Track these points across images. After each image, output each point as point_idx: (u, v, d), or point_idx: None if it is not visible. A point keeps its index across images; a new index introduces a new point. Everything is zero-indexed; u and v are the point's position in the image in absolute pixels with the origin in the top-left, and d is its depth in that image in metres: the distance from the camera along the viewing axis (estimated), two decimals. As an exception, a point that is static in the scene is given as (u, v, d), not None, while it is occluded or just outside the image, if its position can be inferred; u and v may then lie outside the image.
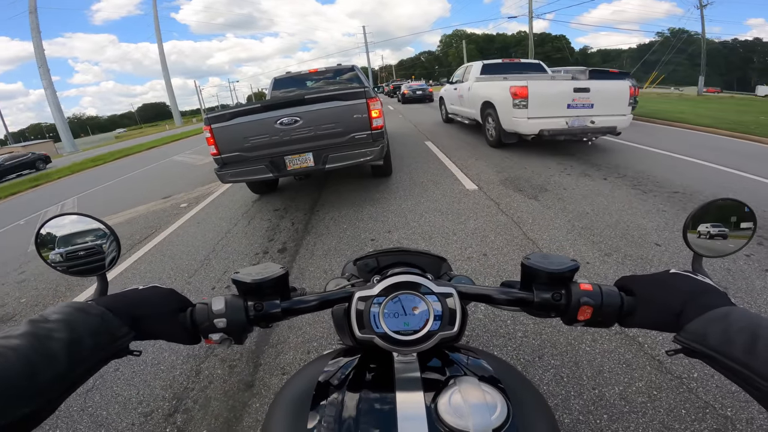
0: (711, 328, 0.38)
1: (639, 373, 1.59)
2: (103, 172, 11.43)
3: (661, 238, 2.80)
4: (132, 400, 1.73)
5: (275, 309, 0.50)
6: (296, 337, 2.01)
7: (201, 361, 1.94)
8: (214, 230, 3.92)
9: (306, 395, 0.47)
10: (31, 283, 3.36)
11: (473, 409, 0.38)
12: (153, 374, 1.88)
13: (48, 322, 0.36)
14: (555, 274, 0.49)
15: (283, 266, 0.52)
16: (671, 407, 1.43)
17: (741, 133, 7.21)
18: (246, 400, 1.65)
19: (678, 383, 1.53)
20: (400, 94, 20.88)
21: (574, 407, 1.45)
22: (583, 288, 0.48)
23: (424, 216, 3.56)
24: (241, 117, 3.57)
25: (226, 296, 0.49)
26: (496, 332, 1.90)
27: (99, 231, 0.53)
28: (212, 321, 0.48)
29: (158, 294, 0.49)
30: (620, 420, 1.39)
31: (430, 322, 0.46)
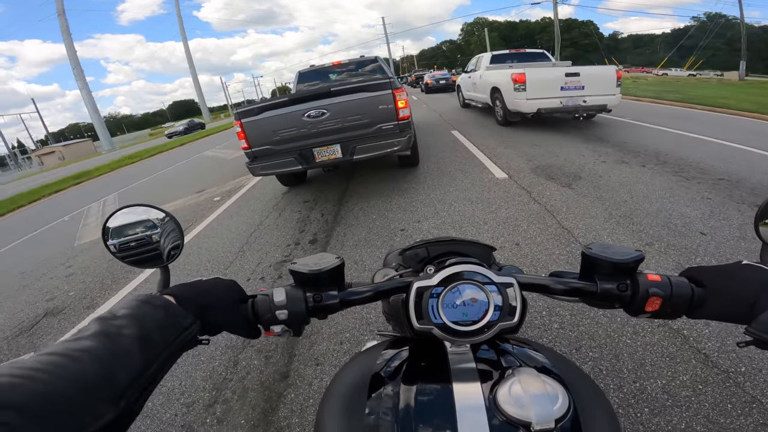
0: None
1: (683, 367, 1.53)
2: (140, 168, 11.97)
3: (707, 226, 2.65)
4: (175, 391, 1.79)
5: (333, 300, 0.50)
6: (329, 328, 2.04)
7: (239, 352, 1.99)
8: (246, 222, 4.03)
9: (360, 387, 0.47)
10: (79, 276, 3.53)
11: (534, 400, 0.38)
12: (194, 365, 1.94)
13: (116, 318, 0.35)
14: (620, 264, 0.47)
15: (339, 256, 0.52)
16: (716, 402, 1.37)
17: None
18: (281, 390, 1.69)
19: (725, 377, 1.46)
20: (423, 84, 20.65)
21: (614, 400, 1.41)
22: (651, 279, 0.47)
23: (453, 205, 3.53)
24: (269, 111, 3.64)
25: (286, 287, 0.49)
26: (530, 323, 1.86)
27: (162, 221, 0.54)
28: (274, 312, 0.48)
29: (221, 285, 0.48)
30: (662, 414, 1.34)
31: (490, 313, 0.46)
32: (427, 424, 0.40)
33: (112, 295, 3.00)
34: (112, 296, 2.99)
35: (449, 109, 11.15)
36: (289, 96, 3.74)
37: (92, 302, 2.96)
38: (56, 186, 11.34)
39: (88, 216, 6.28)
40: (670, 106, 9.34)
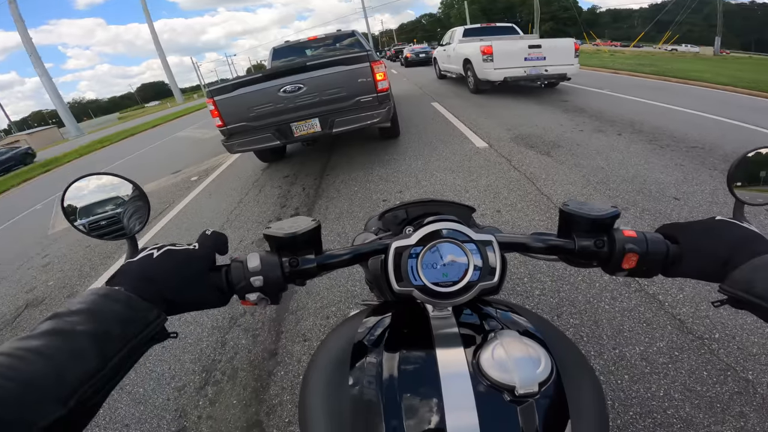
0: (758, 275, 0.36)
1: (660, 333, 1.56)
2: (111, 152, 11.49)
3: (680, 192, 2.74)
4: (165, 376, 1.77)
5: (310, 264, 0.47)
6: (314, 303, 2.03)
7: (225, 332, 1.97)
8: (226, 200, 3.94)
9: (343, 357, 0.46)
10: (56, 265, 3.41)
11: (517, 363, 0.37)
12: (182, 348, 1.91)
13: (71, 314, 0.33)
14: (597, 220, 0.46)
15: (315, 219, 0.49)
16: (692, 369, 1.40)
17: (760, 91, 6.93)
18: (271, 368, 1.68)
19: (699, 344, 1.50)
20: (403, 57, 20.28)
21: (595, 367, 1.43)
22: (627, 235, 0.46)
23: (435, 175, 3.53)
24: (243, 87, 3.54)
25: (260, 252, 0.46)
26: (512, 290, 1.90)
27: (126, 192, 0.51)
28: (249, 280, 0.45)
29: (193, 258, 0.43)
30: (642, 381, 1.37)
31: (470, 273, 0.44)
32: (412, 392, 0.39)
33: (92, 281, 2.92)
34: (92, 283, 2.91)
35: (429, 81, 11.02)
36: (263, 72, 3.64)
37: (72, 290, 2.88)
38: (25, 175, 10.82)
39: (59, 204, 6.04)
40: (646, 78, 9.47)
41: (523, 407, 0.36)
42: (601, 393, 0.44)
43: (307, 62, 3.56)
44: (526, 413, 0.36)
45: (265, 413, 1.48)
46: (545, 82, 7.05)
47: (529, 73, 6.54)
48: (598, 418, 0.41)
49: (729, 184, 0.49)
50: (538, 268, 2.02)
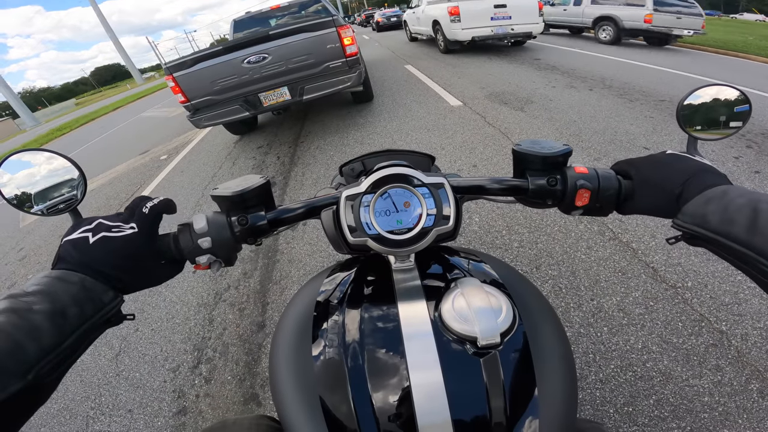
0: (710, 208, 0.35)
1: (635, 282, 1.59)
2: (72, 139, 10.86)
3: (650, 142, 2.82)
4: (158, 358, 1.76)
5: (261, 221, 0.46)
6: (297, 271, 2.04)
7: (212, 308, 1.96)
8: (199, 176, 3.83)
9: (306, 318, 0.45)
10: (33, 258, 3.27)
11: (478, 313, 0.37)
12: (170, 329, 1.90)
13: (27, 295, 0.33)
14: (549, 158, 0.46)
15: (264, 176, 0.48)
16: (668, 320, 1.42)
17: (728, 50, 7.28)
18: (260, 341, 1.69)
19: (673, 293, 1.52)
20: (374, 23, 19.61)
21: (575, 320, 1.46)
22: (579, 171, 0.46)
23: (410, 134, 3.51)
24: (204, 62, 3.39)
25: (207, 213, 0.45)
26: (492, 244, 1.93)
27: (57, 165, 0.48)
28: (196, 242, 0.43)
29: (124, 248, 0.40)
30: (620, 333, 1.39)
31: (424, 217, 0.43)
32: (375, 351, 0.38)
33: None
34: None
35: (401, 44, 10.74)
36: (222, 45, 3.47)
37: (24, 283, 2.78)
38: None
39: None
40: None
41: (487, 359, 0.36)
42: (566, 340, 0.44)
43: (270, 31, 3.43)
44: (490, 365, 0.35)
45: (260, 386, 1.50)
46: (511, 41, 7.29)
47: (496, 32, 6.68)
48: (564, 365, 0.41)
49: (678, 117, 0.49)
50: (515, 220, 2.07)
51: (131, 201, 0.44)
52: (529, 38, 7.12)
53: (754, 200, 0.33)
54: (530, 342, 0.39)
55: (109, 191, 4.31)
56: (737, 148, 2.67)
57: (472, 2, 6.96)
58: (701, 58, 6.61)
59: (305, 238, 2.28)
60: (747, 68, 5.76)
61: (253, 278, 2.09)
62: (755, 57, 6.67)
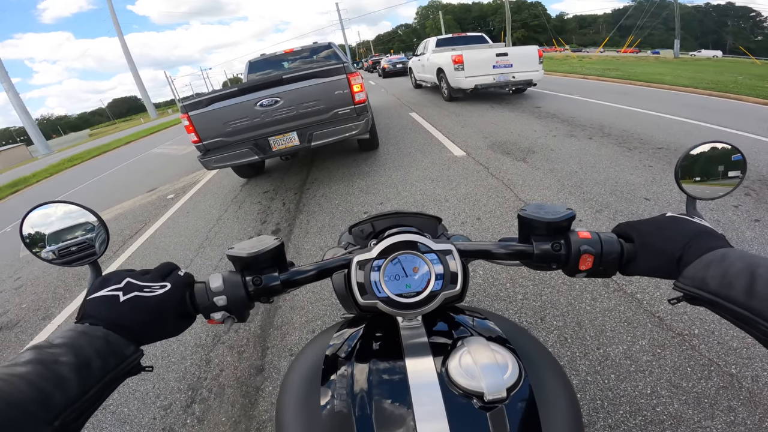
0: (710, 272, 0.37)
1: (641, 331, 1.59)
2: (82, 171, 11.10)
3: (650, 192, 2.86)
4: (150, 395, 1.73)
5: (274, 282, 0.48)
6: (299, 318, 2.02)
7: (209, 349, 1.94)
8: (204, 218, 3.86)
9: (315, 371, 0.46)
10: (29, 288, 3.29)
11: (485, 370, 0.38)
12: (165, 367, 1.88)
13: (53, 347, 0.35)
14: (553, 223, 0.48)
15: (278, 237, 0.50)
16: (676, 365, 1.42)
17: (719, 92, 7.37)
18: (258, 384, 1.67)
19: (680, 340, 1.53)
20: (380, 68, 20.46)
21: (581, 368, 1.46)
22: (582, 236, 0.47)
23: (415, 185, 3.57)
24: (219, 102, 3.48)
25: (223, 273, 0.47)
26: (496, 296, 1.92)
27: (83, 218, 0.51)
28: (212, 300, 0.46)
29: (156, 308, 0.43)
30: (628, 379, 1.39)
31: (432, 282, 0.45)
32: (383, 403, 0.39)
33: (67, 304, 2.82)
34: (67, 305, 2.81)
35: (406, 91, 11.18)
36: (238, 86, 3.60)
37: (47, 313, 2.77)
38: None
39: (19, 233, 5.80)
40: (613, 83, 9.89)
41: (493, 413, 0.36)
42: (573, 394, 0.45)
43: (284, 75, 3.54)
44: (497, 419, 0.36)
45: (256, 429, 1.46)
46: (513, 89, 7.49)
47: (498, 80, 6.91)
48: (570, 416, 0.41)
49: (677, 179, 0.51)
50: (519, 273, 2.06)
51: (160, 264, 0.47)
52: (530, 86, 7.33)
53: (752, 264, 0.35)
54: (536, 395, 0.39)
55: (114, 227, 4.34)
56: (736, 196, 2.69)
57: (475, 51, 7.33)
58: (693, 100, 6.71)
59: (308, 286, 2.26)
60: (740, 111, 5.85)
61: (254, 322, 2.07)
62: (746, 98, 6.75)
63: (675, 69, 14.07)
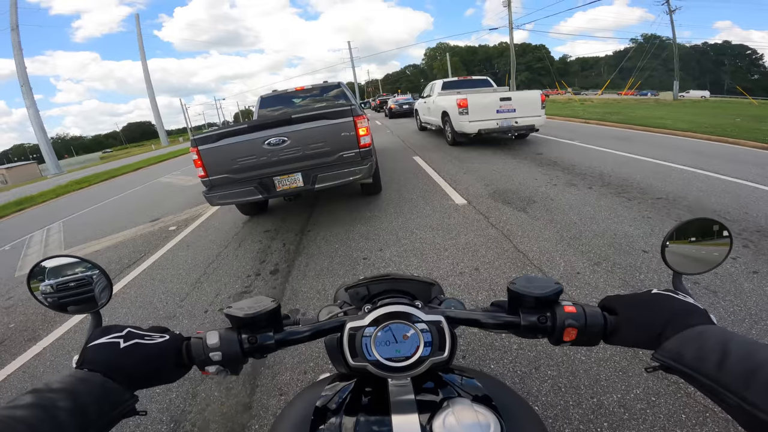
0: (686, 346, 0.40)
1: (636, 381, 1.61)
2: (89, 194, 11.26)
3: (648, 244, 2.87)
4: (129, 425, 1.69)
5: (269, 341, 0.51)
6: (292, 358, 1.99)
7: (197, 384, 1.91)
8: (204, 253, 3.88)
9: (304, 420, 0.48)
10: (20, 308, 3.31)
11: (466, 430, 0.39)
12: (149, 397, 1.84)
13: (52, 392, 0.37)
14: (540, 298, 0.51)
15: (275, 299, 0.53)
16: (671, 413, 1.44)
17: (718, 136, 7.49)
18: (245, 422, 1.65)
19: (675, 388, 1.54)
20: (387, 109, 21.03)
21: (574, 417, 1.46)
22: (567, 310, 0.50)
23: (415, 233, 3.59)
24: (228, 138, 3.54)
25: (220, 330, 0.50)
26: (491, 345, 1.92)
27: (90, 270, 0.55)
28: (208, 354, 0.49)
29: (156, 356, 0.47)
30: (621, 427, 1.39)
31: (421, 349, 0.48)
32: None
33: (55, 327, 2.80)
34: (55, 329, 2.79)
35: (411, 133, 11.50)
36: (248, 123, 3.68)
37: (34, 335, 2.76)
38: (-4, 213, 10.38)
39: (29, 245, 5.86)
40: (614, 127, 10.16)
41: None
42: None
43: (292, 115, 3.61)
44: None
45: None
46: (515, 134, 7.48)
47: (501, 125, 6.98)
48: None
49: (663, 255, 0.54)
50: None
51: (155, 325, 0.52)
52: (532, 131, 7.39)
53: (725, 341, 0.37)
54: None
55: (112, 255, 4.38)
56: (734, 248, 2.67)
57: (479, 95, 7.45)
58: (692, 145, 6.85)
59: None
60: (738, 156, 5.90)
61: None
62: (744, 142, 6.83)
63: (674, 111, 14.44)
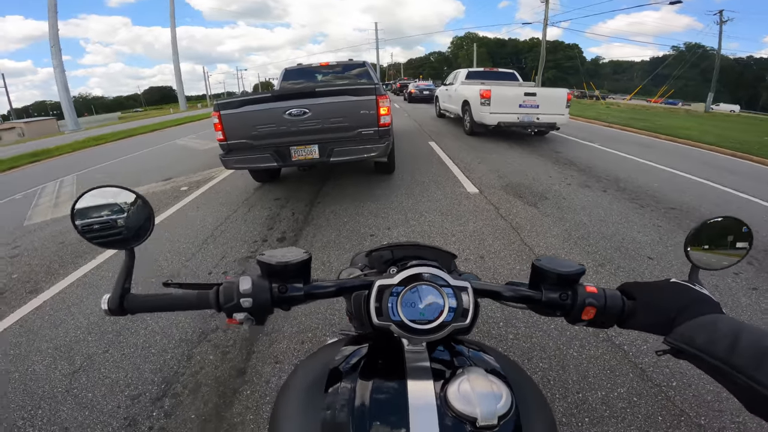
0: (699, 332, 0.40)
1: (622, 380, 1.64)
2: (105, 151, 11.39)
3: (654, 252, 2.84)
4: (119, 383, 1.71)
5: (298, 292, 0.52)
6: (291, 327, 2.02)
7: (194, 345, 1.94)
8: (213, 215, 3.93)
9: (319, 381, 0.48)
10: (24, 258, 3.32)
11: (480, 397, 0.40)
12: (143, 357, 1.87)
13: None
14: (564, 275, 0.52)
15: (307, 251, 0.54)
16: (649, 414, 1.48)
17: (743, 153, 7.28)
18: (237, 386, 1.66)
19: (657, 391, 1.59)
20: (407, 93, 20.78)
21: (558, 409, 1.50)
22: (589, 290, 0.52)
23: (424, 215, 3.59)
24: (250, 105, 3.60)
25: (252, 277, 0.51)
26: (488, 333, 1.94)
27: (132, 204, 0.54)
28: (238, 300, 0.49)
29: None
30: (600, 424, 1.43)
31: (445, 314, 0.49)
32: (381, 419, 0.42)
33: (59, 280, 2.83)
34: (58, 281, 2.82)
35: (428, 119, 11.38)
36: (272, 92, 3.70)
37: (36, 287, 2.78)
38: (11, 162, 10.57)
39: (41, 196, 5.91)
40: (637, 134, 9.91)
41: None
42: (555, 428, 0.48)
43: (317, 88, 3.65)
44: None
45: (225, 431, 1.44)
46: (535, 130, 7.38)
47: (522, 120, 6.86)
48: None
49: (686, 248, 0.55)
50: (513, 314, 2.07)
51: None
52: (553, 129, 7.26)
53: (738, 329, 0.38)
54: (524, 427, 0.42)
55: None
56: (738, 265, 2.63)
57: (503, 87, 7.36)
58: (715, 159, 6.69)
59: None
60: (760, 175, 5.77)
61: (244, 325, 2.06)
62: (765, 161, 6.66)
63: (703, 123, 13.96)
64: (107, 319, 2.18)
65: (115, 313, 0.52)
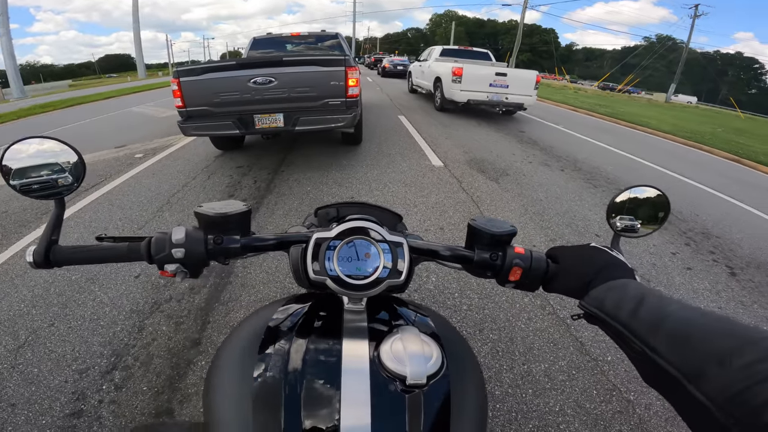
0: (609, 296, 0.41)
1: (563, 353, 1.72)
2: (53, 118, 10.49)
3: (602, 230, 3.01)
4: (66, 357, 1.65)
5: (234, 244, 0.50)
6: (248, 296, 2.00)
7: (145, 317, 1.88)
8: (170, 182, 3.76)
9: (254, 340, 0.48)
10: None
11: (411, 357, 0.41)
12: (91, 330, 1.80)
13: None
14: (495, 236, 0.53)
15: (247, 204, 0.52)
16: (585, 387, 1.56)
17: (695, 142, 7.81)
18: (191, 357, 1.63)
19: (594, 365, 1.67)
20: (381, 67, 20.39)
21: (505, 380, 1.56)
22: (517, 251, 0.52)
23: (388, 186, 3.61)
24: (213, 72, 3.47)
25: (187, 227, 0.49)
26: (443, 304, 2.00)
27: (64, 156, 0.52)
28: (170, 251, 0.47)
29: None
30: (542, 396, 1.51)
31: (380, 269, 0.49)
32: (314, 378, 0.42)
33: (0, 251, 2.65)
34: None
35: (400, 94, 11.28)
36: (237, 60, 3.55)
37: None
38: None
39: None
40: (600, 119, 10.32)
41: (412, 396, 0.40)
42: (484, 393, 0.49)
43: (284, 57, 3.54)
44: (414, 402, 0.40)
45: (179, 401, 1.43)
46: (503, 109, 7.57)
47: (491, 98, 7.01)
48: (478, 414, 0.46)
49: (607, 215, 0.58)
50: (468, 285, 2.13)
51: None
52: (520, 109, 7.47)
53: (643, 293, 0.39)
54: (452, 389, 0.43)
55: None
56: (676, 245, 2.88)
57: (476, 66, 7.43)
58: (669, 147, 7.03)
59: (263, 266, 2.25)
60: (706, 163, 6.18)
61: (200, 295, 2.02)
62: (717, 151, 7.16)
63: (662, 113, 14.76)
64: (52, 290, 2.07)
65: (40, 265, 0.49)
